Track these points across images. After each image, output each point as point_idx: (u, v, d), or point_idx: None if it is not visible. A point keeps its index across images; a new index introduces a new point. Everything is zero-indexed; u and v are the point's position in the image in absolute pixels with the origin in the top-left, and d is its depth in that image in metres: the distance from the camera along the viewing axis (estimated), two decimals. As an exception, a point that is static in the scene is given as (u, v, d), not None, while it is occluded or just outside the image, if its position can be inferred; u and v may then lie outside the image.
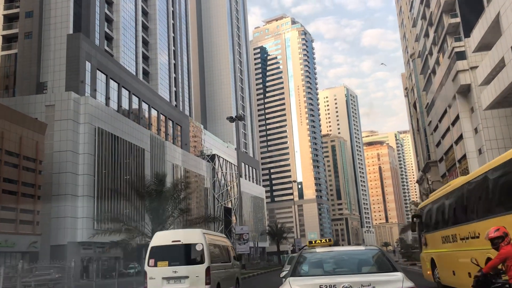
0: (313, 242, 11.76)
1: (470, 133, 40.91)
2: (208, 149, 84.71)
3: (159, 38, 69.86)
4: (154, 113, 65.58)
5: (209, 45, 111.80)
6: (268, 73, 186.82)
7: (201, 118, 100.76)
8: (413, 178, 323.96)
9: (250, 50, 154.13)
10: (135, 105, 59.40)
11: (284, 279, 6.10)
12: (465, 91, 41.53)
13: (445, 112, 47.11)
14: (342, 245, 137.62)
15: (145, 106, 62.39)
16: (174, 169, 66.25)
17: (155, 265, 11.17)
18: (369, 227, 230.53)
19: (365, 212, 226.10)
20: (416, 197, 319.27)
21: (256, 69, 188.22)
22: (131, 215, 29.00)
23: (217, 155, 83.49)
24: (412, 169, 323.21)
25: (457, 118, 43.10)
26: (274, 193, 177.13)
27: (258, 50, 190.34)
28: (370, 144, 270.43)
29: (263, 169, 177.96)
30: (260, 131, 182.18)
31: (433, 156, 59.54)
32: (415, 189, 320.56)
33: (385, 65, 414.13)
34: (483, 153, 38.29)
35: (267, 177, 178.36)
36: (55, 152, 43.06)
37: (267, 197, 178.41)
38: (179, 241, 11.52)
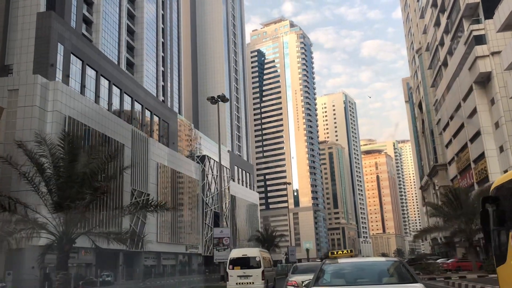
0: (335, 253, 15.46)
1: (490, 128, 35.72)
2: (198, 149, 79.48)
3: (146, 28, 64.88)
4: (138, 107, 60.38)
5: (203, 45, 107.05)
6: (265, 77, 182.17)
7: (192, 119, 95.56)
8: (412, 188, 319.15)
9: (246, 53, 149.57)
10: (115, 97, 54.21)
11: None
12: (484, 81, 36.43)
13: (459, 106, 42.00)
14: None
15: (127, 99, 57.22)
16: (159, 169, 60.90)
17: (233, 269, 18.23)
18: (366, 237, 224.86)
19: (362, 222, 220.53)
20: (416, 208, 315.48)
21: (253, 72, 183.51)
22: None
23: (207, 156, 78.19)
24: (410, 180, 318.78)
25: (474, 112, 37.89)
26: (269, 200, 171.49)
27: (255, 53, 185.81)
28: (368, 152, 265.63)
29: (258, 175, 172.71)
30: (256, 136, 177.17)
31: (440, 159, 54.45)
32: (413, 200, 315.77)
33: (369, 97, 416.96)
34: (505, 150, 33.00)
35: (262, 183, 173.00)
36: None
37: (262, 204, 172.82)
38: (246, 254, 19.15)
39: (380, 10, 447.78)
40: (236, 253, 19.71)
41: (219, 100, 27.12)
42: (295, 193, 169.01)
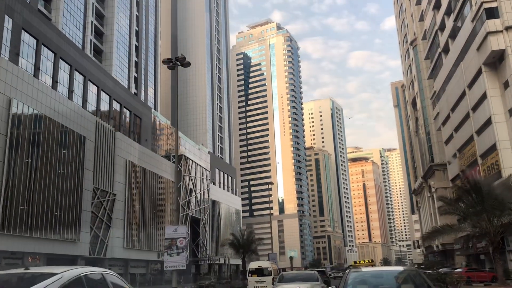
0: (358, 262, 35.78)
1: (502, 116, 30.69)
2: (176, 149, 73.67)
3: (117, 13, 59.19)
4: (105, 98, 54.44)
5: (184, 41, 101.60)
6: (251, 80, 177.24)
7: (171, 119, 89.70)
8: (398, 197, 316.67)
9: (231, 53, 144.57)
10: (78, 84, 48.23)
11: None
12: (495, 61, 31.41)
13: (463, 95, 37.03)
14: (326, 265, 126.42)
15: (92, 88, 51.26)
16: (129, 167, 54.89)
17: (251, 276, 23.98)
18: (352, 246, 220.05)
19: (348, 230, 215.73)
20: (403, 218, 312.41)
21: (238, 75, 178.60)
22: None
23: (184, 156, 72.28)
24: (397, 188, 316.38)
25: (482, 99, 32.81)
26: (254, 207, 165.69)
27: (241, 56, 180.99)
28: (354, 160, 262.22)
29: (242, 181, 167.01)
30: (240, 140, 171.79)
31: (437, 159, 49.56)
32: (399, 209, 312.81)
33: (350, 117, 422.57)
34: (522, 140, 27.80)
35: (247, 189, 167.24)
36: None
37: (245, 211, 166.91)
38: (261, 266, 25.40)
39: (367, 22, 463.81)
40: (253, 265, 25.41)
41: (178, 63, 21.59)
42: (280, 200, 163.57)
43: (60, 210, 41.35)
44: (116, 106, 56.68)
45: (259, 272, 23.83)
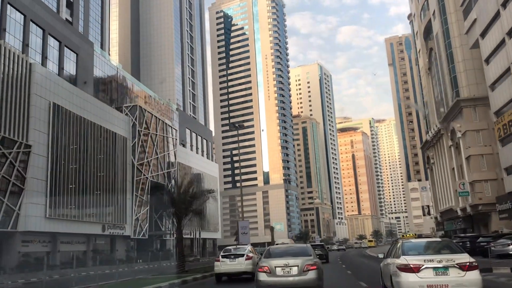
0: (405, 236, 26.33)
1: None
2: (130, 99, 59.96)
3: None
4: (18, 17, 40.17)
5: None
6: (232, 40, 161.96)
7: (132, 70, 75.25)
8: (387, 169, 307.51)
9: (204, 6, 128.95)
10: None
11: (386, 258, 10.88)
12: None
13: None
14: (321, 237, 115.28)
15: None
16: (54, 112, 41.15)
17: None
18: (341, 218, 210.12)
19: (337, 203, 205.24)
20: (392, 189, 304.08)
21: (218, 35, 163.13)
22: None
23: (141, 107, 58.54)
24: (386, 160, 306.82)
25: None
26: (237, 178, 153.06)
27: (221, 15, 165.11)
28: (343, 130, 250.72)
29: (224, 151, 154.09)
30: (222, 107, 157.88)
31: (465, 92, 36.53)
32: (388, 181, 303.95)
33: (375, 74, 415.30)
34: None
35: (229, 159, 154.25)
36: None
37: (228, 182, 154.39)
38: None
39: None
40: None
41: None
42: (265, 170, 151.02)
43: None
44: (36, 31, 42.38)
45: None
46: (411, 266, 8.68)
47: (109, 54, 70.43)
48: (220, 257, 17.99)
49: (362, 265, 26.28)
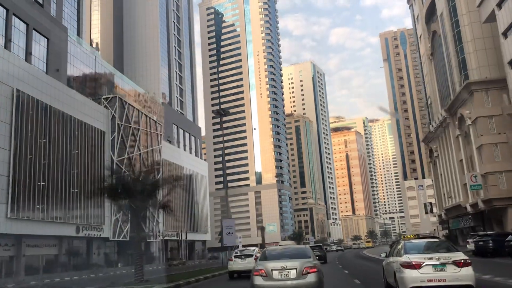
0: (406, 237, 21.03)
1: None
2: (109, 90, 55.64)
3: None
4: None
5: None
6: (223, 37, 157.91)
7: (115, 63, 70.88)
8: (381, 169, 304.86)
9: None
10: None
11: (388, 257, 11.89)
12: None
13: None
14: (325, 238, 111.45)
15: None
16: (18, 99, 36.84)
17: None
18: (336, 219, 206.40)
19: (331, 203, 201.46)
20: (386, 190, 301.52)
21: (209, 32, 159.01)
22: None
23: (120, 98, 54.25)
24: (380, 160, 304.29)
25: None
26: (228, 178, 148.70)
27: (212, 11, 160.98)
28: (337, 130, 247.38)
29: (216, 150, 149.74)
30: (213, 105, 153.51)
31: (475, 75, 32.78)
32: (382, 181, 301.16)
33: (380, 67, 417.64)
34: None
35: (220, 158, 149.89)
36: None
37: (219, 183, 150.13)
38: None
39: None
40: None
41: None
42: (257, 170, 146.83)
43: None
44: (-1, 11, 38.06)
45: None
46: (413, 263, 9.67)
47: (92, 46, 66.26)
48: (232, 257, 21.30)
49: (363, 267, 25.18)
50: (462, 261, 9.49)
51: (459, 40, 35.37)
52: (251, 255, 20.55)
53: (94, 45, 70.54)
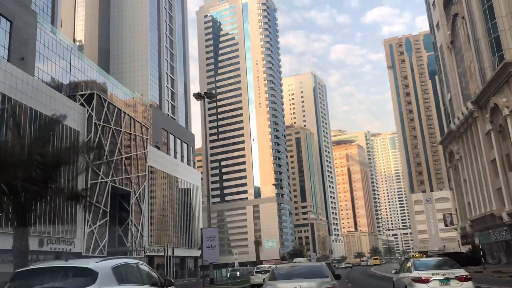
0: (415, 255, 41.27)
1: None
2: (87, 87, 49.79)
3: None
4: None
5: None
6: (221, 45, 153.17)
7: (99, 61, 65.20)
8: (384, 184, 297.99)
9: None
10: None
11: (398, 273, 13.99)
12: None
13: None
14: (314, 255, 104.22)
15: None
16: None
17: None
18: (338, 235, 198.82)
19: (333, 218, 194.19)
20: (388, 205, 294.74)
21: (206, 40, 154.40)
22: None
23: (99, 95, 48.31)
24: (382, 175, 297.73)
25: None
26: (225, 191, 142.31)
27: (210, 18, 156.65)
28: (338, 143, 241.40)
29: (212, 162, 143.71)
30: (210, 115, 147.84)
31: (510, 54, 26.77)
32: (385, 197, 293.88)
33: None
34: None
35: (217, 171, 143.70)
36: None
37: (216, 196, 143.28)
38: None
39: (349, 15, 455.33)
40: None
41: None
42: (256, 182, 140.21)
43: None
44: None
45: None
46: (423, 278, 11.49)
47: (75, 42, 60.72)
48: (254, 273, 27.54)
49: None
50: (464, 276, 11.42)
51: (490, 17, 29.63)
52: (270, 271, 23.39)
53: (77, 43, 65.04)
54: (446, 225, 51.84)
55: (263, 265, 31.15)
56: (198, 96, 23.07)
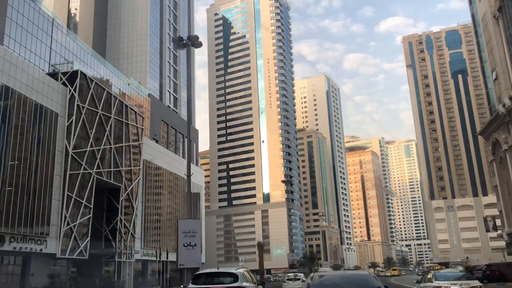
0: (434, 268, 38.30)
1: None
2: (69, 66, 43.92)
3: None
4: None
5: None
6: (231, 43, 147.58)
7: (94, 44, 59.59)
8: (398, 192, 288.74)
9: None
10: None
11: (419, 283, 16.19)
12: None
13: None
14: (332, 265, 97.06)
15: None
16: None
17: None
18: (350, 244, 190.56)
19: (346, 226, 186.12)
20: (402, 214, 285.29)
21: (216, 38, 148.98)
22: None
23: (84, 74, 42.32)
24: (396, 183, 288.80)
25: None
26: (233, 195, 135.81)
27: (220, 16, 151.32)
28: (351, 149, 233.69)
29: (220, 164, 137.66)
30: (218, 116, 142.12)
31: None
32: (398, 205, 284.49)
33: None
34: None
35: (225, 173, 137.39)
36: None
37: (223, 200, 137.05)
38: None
39: (363, 24, 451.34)
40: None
41: None
42: (265, 186, 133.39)
43: None
44: None
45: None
46: (443, 287, 13.68)
47: (69, 27, 55.37)
48: (286, 279, 31.42)
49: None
50: (478, 287, 13.68)
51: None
52: (299, 279, 29.40)
53: (71, 25, 59.53)
54: (488, 230, 44.51)
55: (292, 274, 34.08)
56: (179, 42, 16.71)
